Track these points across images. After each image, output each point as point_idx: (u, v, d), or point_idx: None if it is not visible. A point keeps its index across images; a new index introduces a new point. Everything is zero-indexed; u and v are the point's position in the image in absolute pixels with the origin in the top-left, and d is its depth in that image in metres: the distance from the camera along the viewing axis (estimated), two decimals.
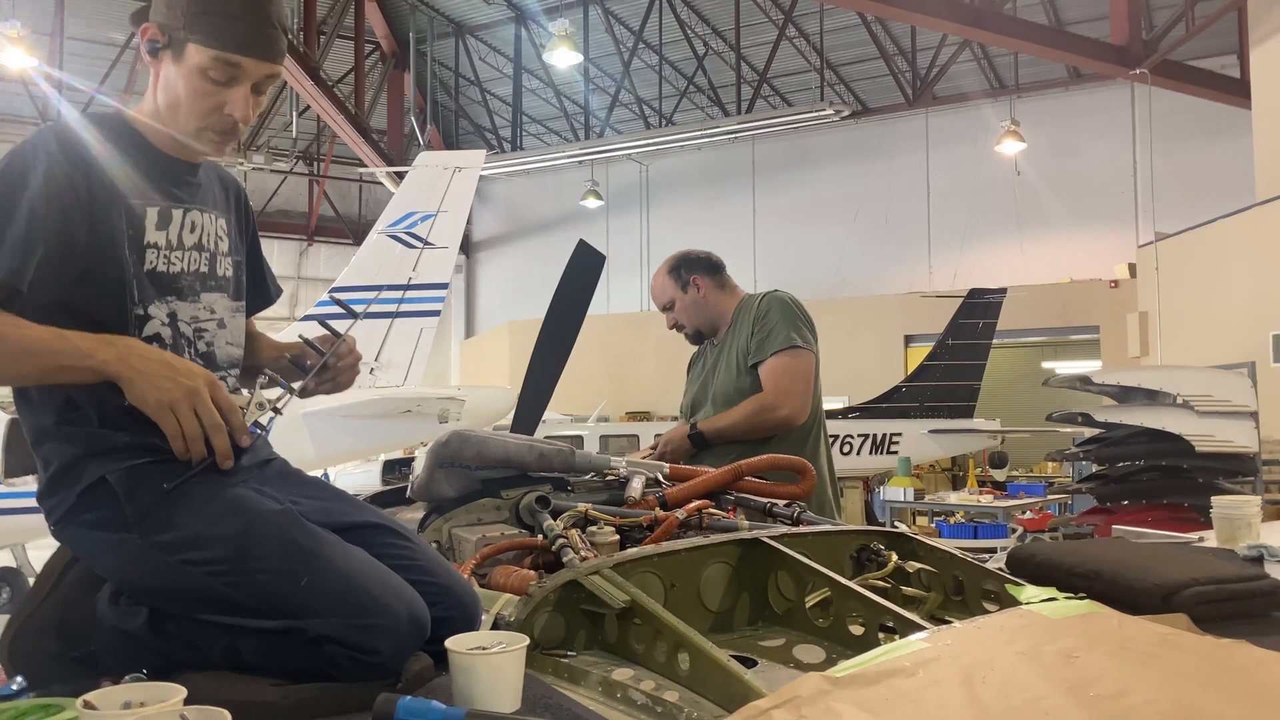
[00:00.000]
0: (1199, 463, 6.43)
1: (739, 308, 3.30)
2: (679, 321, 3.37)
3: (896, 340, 17.52)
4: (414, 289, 8.44)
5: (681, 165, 20.54)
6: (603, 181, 20.76)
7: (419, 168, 8.72)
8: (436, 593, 1.63)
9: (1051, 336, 17.56)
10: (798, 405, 3.10)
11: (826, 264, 18.90)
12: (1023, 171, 17.52)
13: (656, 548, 1.88)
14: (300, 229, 22.78)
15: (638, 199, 21.08)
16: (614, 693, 1.51)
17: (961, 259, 18.05)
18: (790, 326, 3.15)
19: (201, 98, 1.62)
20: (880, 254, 18.77)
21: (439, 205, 8.47)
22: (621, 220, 20.90)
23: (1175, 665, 1.57)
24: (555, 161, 19.22)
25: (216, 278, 1.74)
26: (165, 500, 1.51)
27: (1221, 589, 1.94)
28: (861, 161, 19.11)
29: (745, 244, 19.88)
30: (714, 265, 3.36)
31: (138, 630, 1.53)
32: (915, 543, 2.06)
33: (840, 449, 13.53)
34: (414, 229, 8.44)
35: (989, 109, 17.73)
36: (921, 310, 16.52)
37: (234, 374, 1.77)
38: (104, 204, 1.59)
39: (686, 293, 3.32)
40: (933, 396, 14.12)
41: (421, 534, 2.24)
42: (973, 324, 14.12)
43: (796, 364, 3.12)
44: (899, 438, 13.81)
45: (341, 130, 16.46)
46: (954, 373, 14.18)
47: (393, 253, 8.47)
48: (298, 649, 1.46)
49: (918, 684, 1.40)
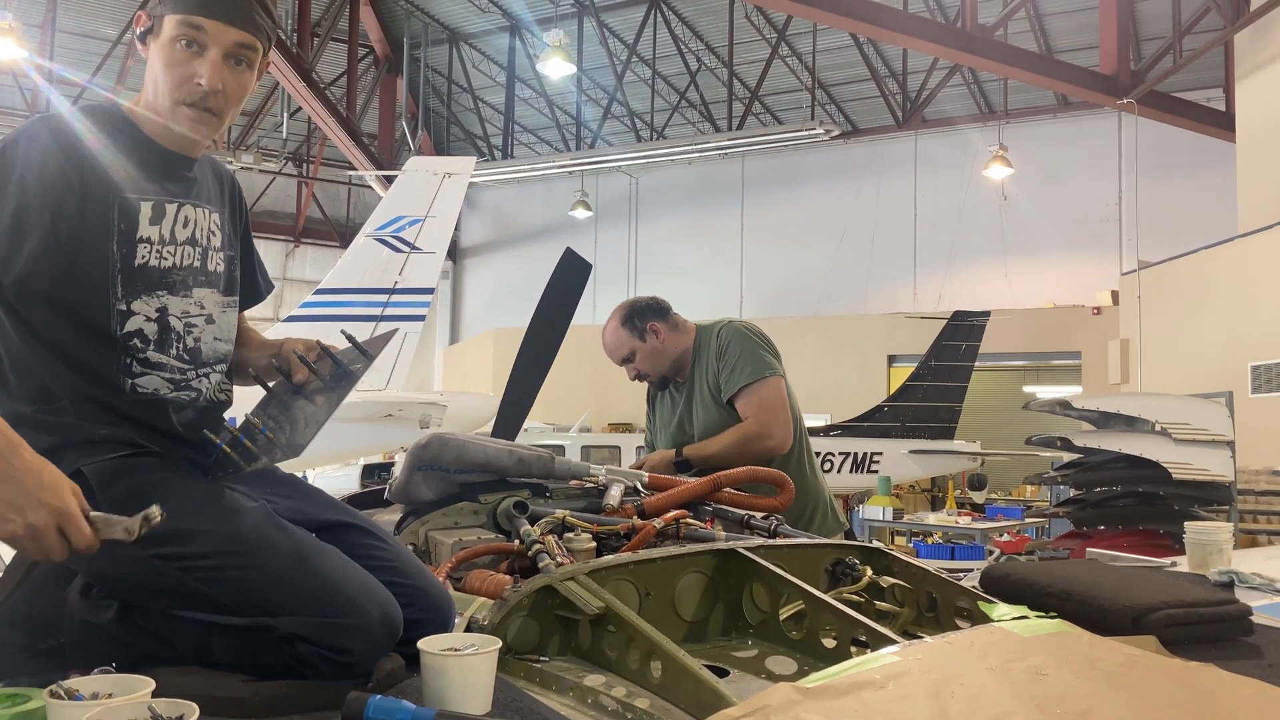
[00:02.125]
0: (1175, 490, 6.48)
1: (698, 343, 3.28)
2: (641, 371, 3.33)
3: (880, 360, 17.58)
4: (399, 293, 8.42)
5: (671, 179, 20.61)
6: (592, 193, 20.79)
7: (409, 172, 8.71)
8: (410, 594, 1.63)
9: (1033, 361, 17.66)
10: (783, 433, 3.13)
11: (812, 282, 18.98)
12: (1009, 196, 17.65)
13: (633, 555, 1.89)
14: (287, 230, 22.70)
15: (626, 211, 21.12)
16: (585, 698, 1.51)
17: (946, 281, 18.15)
18: (754, 355, 3.17)
19: (173, 68, 1.62)
20: (866, 274, 18.85)
21: (428, 210, 8.47)
22: (610, 232, 20.92)
23: (1142, 686, 1.58)
24: (545, 171, 19.24)
25: (208, 273, 1.74)
26: (140, 495, 1.50)
27: (1191, 612, 1.96)
28: (850, 181, 19.21)
29: (732, 260, 19.95)
30: (663, 309, 3.33)
31: (108, 624, 1.52)
32: (890, 558, 2.07)
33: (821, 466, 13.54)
34: (401, 233, 8.43)
35: (977, 134, 17.87)
36: (905, 331, 16.60)
37: (220, 369, 1.76)
38: (96, 196, 1.58)
39: (645, 341, 3.27)
40: (914, 417, 14.17)
41: (398, 536, 2.23)
42: (956, 346, 14.20)
43: (771, 393, 3.15)
44: (879, 457, 13.83)
45: (332, 133, 16.44)
46: (936, 394, 14.24)
47: (379, 256, 8.46)
48: (269, 646, 1.45)
49: (887, 696, 1.40)
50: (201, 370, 1.69)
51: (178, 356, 1.66)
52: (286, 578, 1.47)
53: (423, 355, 21.53)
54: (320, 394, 1.74)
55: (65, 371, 1.59)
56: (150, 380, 1.63)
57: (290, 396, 1.74)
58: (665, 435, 3.35)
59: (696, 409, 3.27)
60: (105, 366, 1.61)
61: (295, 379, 1.72)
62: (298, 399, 1.73)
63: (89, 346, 1.59)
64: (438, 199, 8.50)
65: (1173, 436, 6.62)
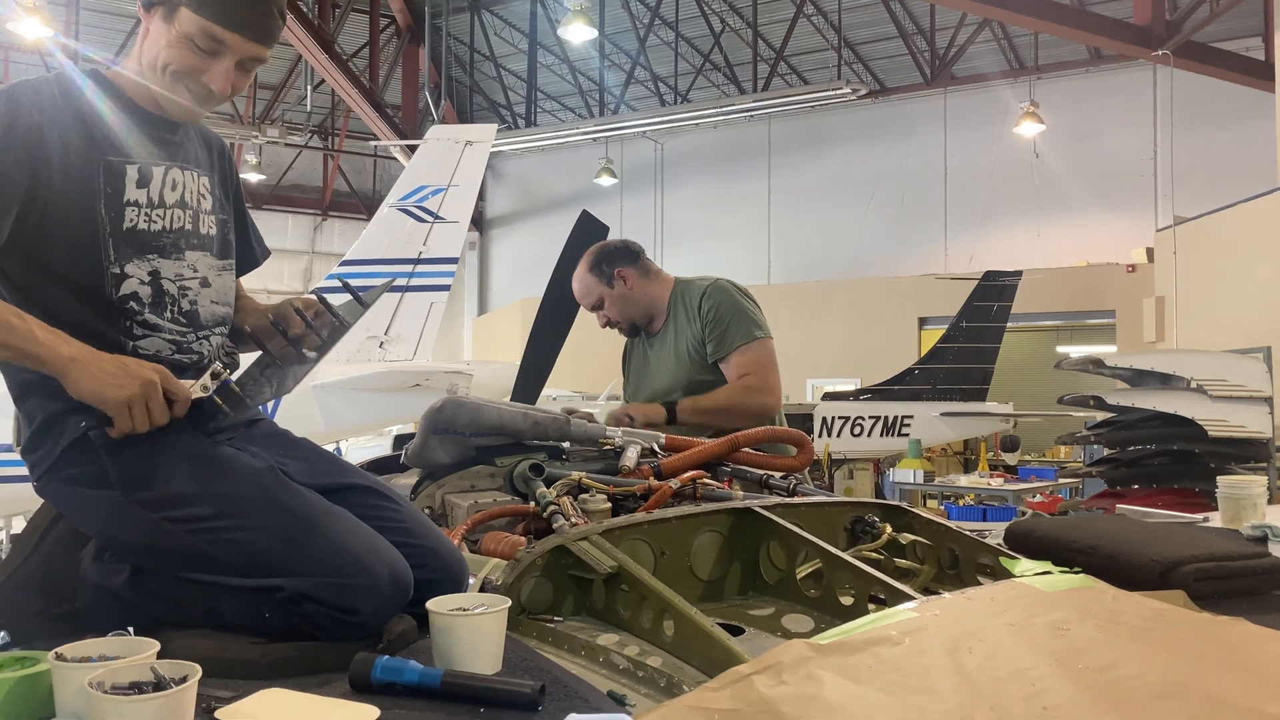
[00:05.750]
0: (1211, 447, 6.37)
1: (674, 296, 3.20)
2: (611, 318, 3.26)
3: (911, 322, 17.40)
4: (424, 263, 8.40)
5: (696, 144, 20.41)
6: (617, 159, 20.64)
7: (430, 141, 8.67)
8: (422, 555, 1.62)
9: (1067, 320, 17.42)
10: (777, 394, 3.11)
11: (841, 245, 18.79)
12: (1041, 154, 17.33)
13: (646, 515, 1.87)
14: (315, 203, 22.78)
15: (652, 177, 20.96)
16: (597, 657, 1.50)
17: (978, 241, 17.91)
18: (746, 317, 3.12)
19: (182, 62, 1.61)
20: (896, 235, 18.63)
21: (450, 179, 8.43)
22: (636, 199, 20.79)
23: (1168, 640, 1.54)
24: (569, 138, 19.09)
25: (200, 236, 1.72)
26: (148, 457, 1.50)
27: (1221, 566, 1.91)
28: (878, 142, 18.94)
29: (759, 224, 19.79)
30: (633, 253, 3.26)
31: (120, 588, 1.52)
32: (911, 516, 2.04)
33: (851, 431, 13.47)
34: (424, 203, 8.40)
35: (1008, 90, 17.53)
36: (936, 292, 16.40)
37: (219, 331, 1.75)
38: (80, 160, 1.57)
39: (614, 287, 3.21)
40: (945, 379, 14.02)
41: (414, 499, 2.23)
42: (987, 306, 14.01)
43: (766, 353, 3.11)
44: (910, 420, 13.71)
45: (355, 104, 16.42)
46: (967, 355, 14.08)
47: (403, 227, 8.43)
48: (277, 608, 1.45)
49: (902, 653, 1.38)
50: (201, 333, 1.69)
51: (173, 319, 1.65)
52: (294, 539, 1.47)
53: (452, 327, 21.60)
54: (315, 349, 1.73)
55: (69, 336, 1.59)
56: (152, 342, 1.63)
57: (286, 353, 1.73)
58: (643, 390, 3.28)
59: (664, 363, 3.20)
60: (106, 330, 1.60)
61: (292, 333, 1.71)
62: (293, 355, 1.72)
63: (88, 311, 1.59)
64: (460, 168, 8.45)
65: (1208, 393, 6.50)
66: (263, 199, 21.85)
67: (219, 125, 18.90)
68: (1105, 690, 1.32)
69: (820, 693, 1.27)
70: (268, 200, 22.00)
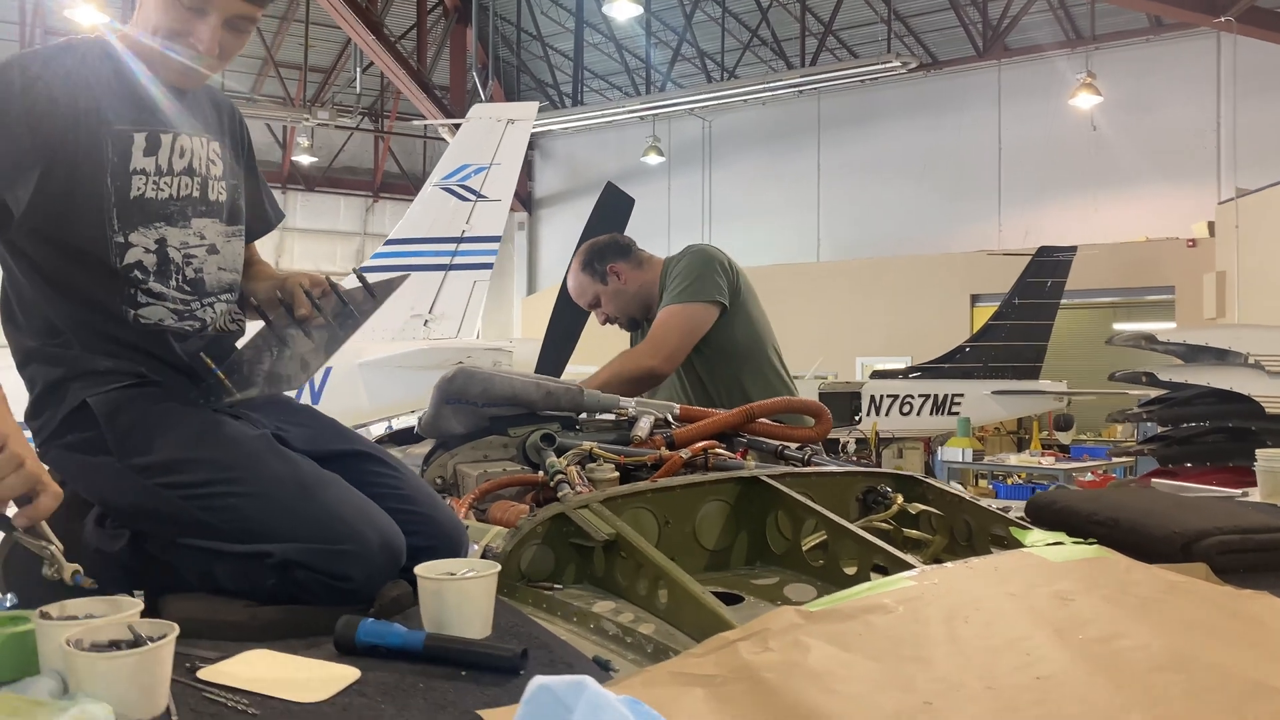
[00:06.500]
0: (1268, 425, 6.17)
1: (662, 276, 3.13)
2: (609, 315, 3.21)
3: (963, 299, 17.13)
4: (467, 242, 8.45)
5: (745, 121, 20.21)
6: (664, 138, 20.51)
7: (472, 120, 8.70)
8: (419, 522, 1.62)
9: (1124, 297, 17.01)
10: (663, 357, 2.95)
11: (892, 222, 18.52)
12: (1099, 126, 16.90)
13: (651, 484, 1.86)
14: (366, 185, 22.99)
15: (700, 155, 20.82)
16: (588, 623, 1.49)
17: (1033, 217, 17.54)
18: (688, 278, 3.00)
19: (171, 22, 1.60)
20: (948, 211, 18.31)
21: (492, 158, 8.45)
22: (683, 177, 20.68)
23: (1179, 612, 1.50)
24: (616, 117, 19.02)
25: (208, 203, 1.72)
26: (144, 424, 1.51)
27: (1247, 539, 1.84)
28: (930, 116, 18.60)
29: (808, 201, 19.58)
30: (624, 247, 3.20)
31: (119, 553, 1.54)
32: (925, 486, 2.01)
33: (900, 409, 13.33)
34: (467, 181, 8.44)
35: (1063, 61, 17.09)
36: (989, 269, 16.11)
37: (226, 299, 1.75)
38: (88, 129, 1.58)
39: (607, 284, 3.16)
40: (997, 357, 13.82)
41: (426, 469, 2.24)
42: (1041, 283, 13.77)
43: (675, 318, 2.97)
44: (961, 398, 13.53)
45: (404, 86, 16.51)
46: (1020, 333, 13.86)
47: (446, 206, 8.48)
48: (269, 573, 1.46)
49: (894, 621, 1.35)
50: (205, 300, 1.69)
51: (178, 287, 1.66)
52: (285, 505, 1.47)
53: (502, 306, 21.73)
54: (320, 331, 1.72)
55: (69, 305, 1.61)
56: (154, 310, 1.63)
57: (289, 330, 1.73)
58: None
59: None
60: (108, 299, 1.61)
61: (297, 313, 1.70)
62: (296, 333, 1.72)
63: (91, 280, 1.60)
64: (501, 146, 8.47)
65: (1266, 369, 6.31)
66: (315, 181, 22.12)
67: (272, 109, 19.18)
68: (1103, 660, 1.28)
69: (805, 659, 1.24)
70: (319, 182, 22.26)
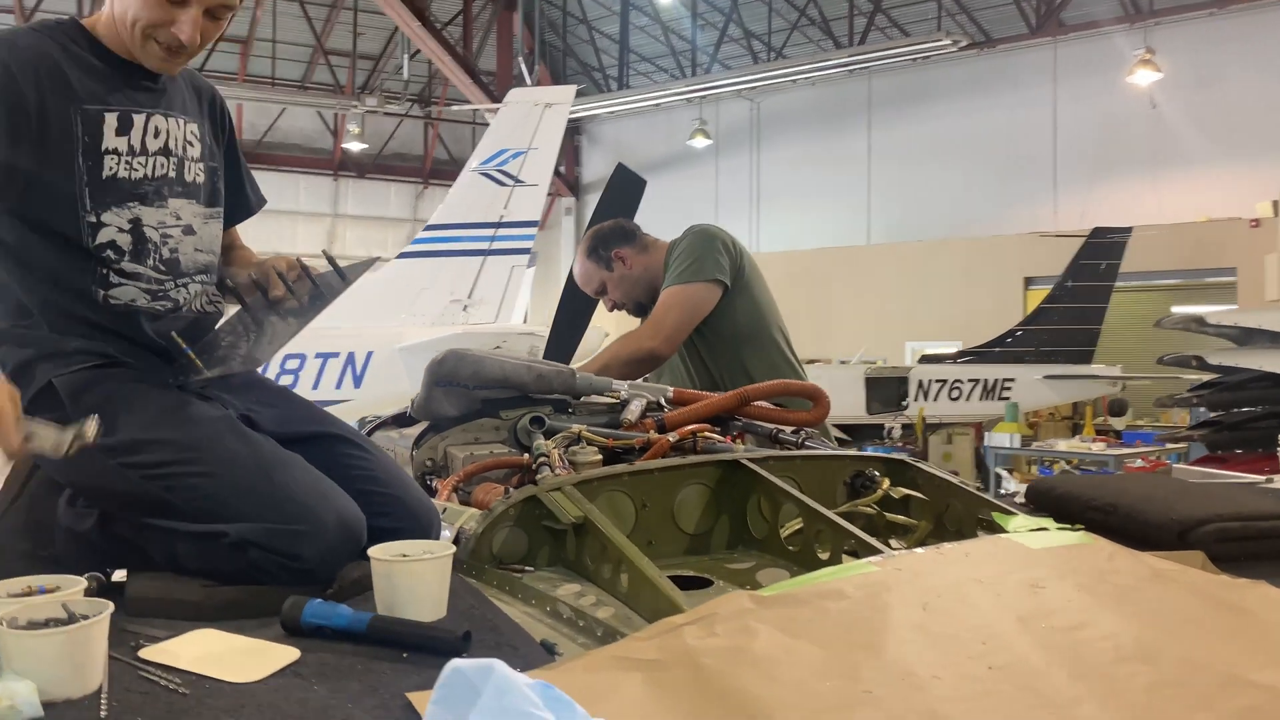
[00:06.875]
0: None
1: (666, 260, 3.06)
2: (616, 301, 3.17)
3: (1016, 282, 16.80)
4: (505, 227, 8.47)
5: (793, 102, 19.97)
6: (712, 120, 20.34)
7: (510, 104, 8.71)
8: (387, 503, 1.62)
9: (1184, 279, 16.54)
10: (663, 338, 2.90)
11: (944, 204, 18.19)
12: (1158, 104, 16.42)
13: (628, 466, 1.83)
14: (416, 172, 23.16)
15: (748, 138, 20.64)
16: (545, 606, 1.48)
17: (1089, 197, 17.11)
18: (688, 259, 2.95)
19: (151, 10, 1.60)
20: (1002, 193, 17.94)
21: (529, 142, 8.45)
22: (731, 160, 20.51)
23: (1159, 601, 1.44)
24: (663, 100, 18.93)
25: (185, 183, 1.73)
26: (108, 405, 1.52)
27: (1249, 526, 1.77)
28: (983, 96, 18.21)
29: (859, 184, 19.31)
30: (628, 232, 3.15)
31: (88, 532, 1.56)
32: (916, 470, 1.96)
33: (949, 394, 13.13)
34: (505, 166, 8.45)
35: (1122, 37, 16.63)
36: (1043, 251, 15.77)
37: (200, 280, 1.76)
38: (57, 110, 1.59)
39: (613, 270, 3.11)
40: (1049, 341, 13.54)
41: (417, 451, 2.24)
42: (1095, 265, 13.44)
43: (675, 298, 2.92)
44: (1011, 383, 13.29)
45: (450, 72, 16.59)
46: (1073, 316, 13.55)
47: (484, 190, 8.50)
48: (225, 553, 1.47)
49: (849, 607, 1.31)
50: (180, 280, 1.70)
51: (154, 267, 1.66)
52: (241, 485, 1.48)
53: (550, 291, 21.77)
54: (292, 312, 1.73)
55: (39, 286, 1.62)
56: (125, 291, 1.64)
57: (264, 312, 1.73)
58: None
59: None
60: (78, 279, 1.62)
61: (272, 295, 1.71)
62: (270, 315, 1.73)
63: (62, 260, 1.61)
64: (539, 130, 8.46)
65: None
66: (365, 168, 22.34)
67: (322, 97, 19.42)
68: (1064, 651, 1.24)
69: (750, 645, 1.22)
70: (370, 170, 22.47)
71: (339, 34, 19.81)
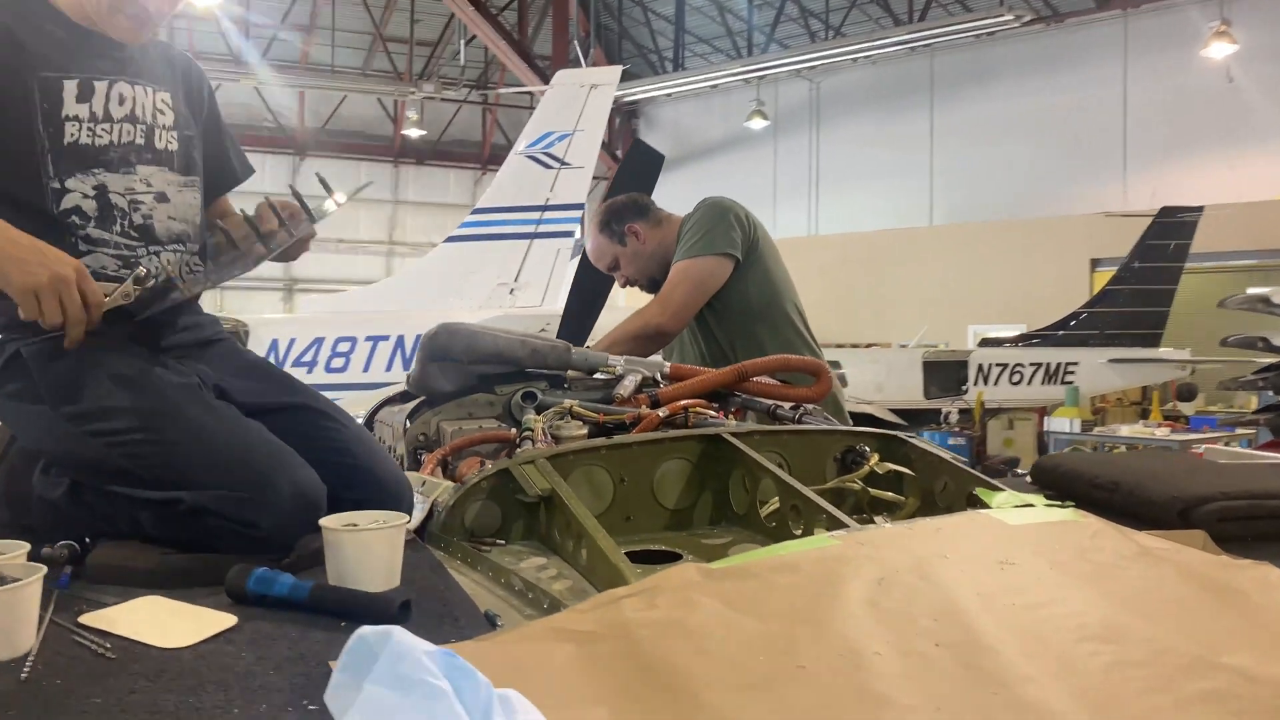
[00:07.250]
0: None
1: (679, 234, 3.00)
2: (629, 277, 3.12)
3: (1082, 264, 16.36)
4: (551, 209, 8.48)
5: (853, 81, 19.66)
6: (770, 101, 20.11)
7: (556, 87, 8.70)
8: (356, 474, 1.61)
9: (1261, 259, 15.95)
10: (670, 313, 2.85)
11: (1009, 184, 17.77)
12: (1235, 78, 15.82)
13: (605, 440, 1.81)
14: (474, 157, 23.30)
15: (806, 119, 20.37)
16: (499, 579, 1.46)
17: (1161, 176, 16.57)
18: (699, 232, 2.88)
19: None
20: (1069, 173, 17.46)
21: (575, 124, 8.44)
22: (790, 140, 20.26)
23: (1141, 580, 1.37)
24: (720, 81, 18.74)
25: (155, 150, 1.73)
26: (74, 373, 1.53)
27: (1255, 505, 1.68)
28: (1049, 72, 17.71)
29: (921, 165, 18.94)
30: (642, 207, 3.08)
31: (59, 500, 1.57)
32: (909, 447, 1.90)
33: (1009, 378, 12.85)
34: (551, 149, 8.45)
35: (1196, 9, 16.04)
36: (1110, 231, 15.31)
37: (175, 249, 1.75)
38: (14, 76, 1.60)
39: (626, 245, 3.05)
40: (1115, 324, 13.15)
41: (410, 425, 2.23)
42: (1163, 245, 13.01)
43: (684, 272, 2.86)
44: (1075, 367, 12.95)
45: (505, 56, 16.62)
46: (1140, 298, 13.14)
47: (530, 173, 8.52)
48: (182, 520, 1.47)
49: (800, 581, 1.27)
50: (153, 248, 1.70)
51: (123, 233, 1.67)
52: (198, 453, 1.48)
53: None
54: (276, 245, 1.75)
55: None
56: (95, 258, 1.65)
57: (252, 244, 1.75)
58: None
59: None
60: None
61: (264, 229, 1.72)
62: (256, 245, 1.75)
63: (27, 227, 1.61)
64: (585, 112, 8.44)
65: None
66: (425, 155, 22.53)
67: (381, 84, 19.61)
68: (1021, 629, 1.18)
69: (687, 618, 1.18)
70: (429, 156, 22.66)
71: (397, 21, 19.98)
